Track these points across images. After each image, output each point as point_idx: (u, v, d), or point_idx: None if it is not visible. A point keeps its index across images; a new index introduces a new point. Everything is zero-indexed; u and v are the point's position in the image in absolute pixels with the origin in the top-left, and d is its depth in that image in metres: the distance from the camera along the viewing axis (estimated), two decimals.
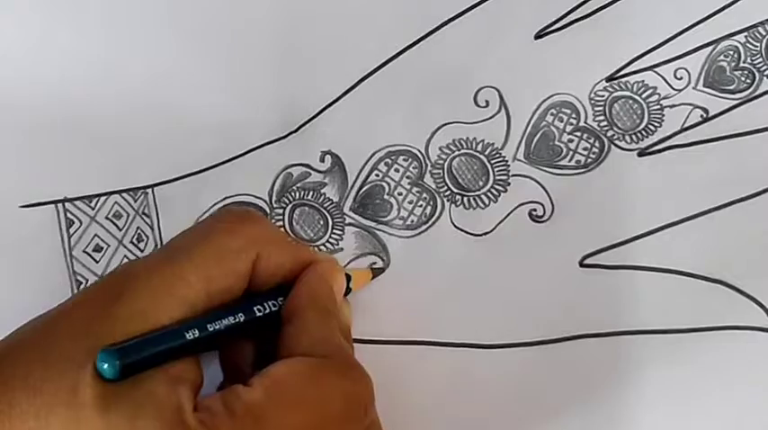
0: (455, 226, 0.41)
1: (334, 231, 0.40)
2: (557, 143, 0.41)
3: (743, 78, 0.42)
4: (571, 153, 0.41)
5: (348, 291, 0.38)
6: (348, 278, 0.38)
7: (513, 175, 0.41)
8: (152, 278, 0.32)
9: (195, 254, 0.33)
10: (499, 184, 0.41)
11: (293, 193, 0.41)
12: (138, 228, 0.41)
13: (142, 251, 0.41)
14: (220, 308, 0.33)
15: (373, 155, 0.41)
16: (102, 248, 0.41)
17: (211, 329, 0.32)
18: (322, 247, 0.40)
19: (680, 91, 0.41)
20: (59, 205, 0.41)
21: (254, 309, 0.34)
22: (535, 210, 0.41)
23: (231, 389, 0.31)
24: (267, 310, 0.34)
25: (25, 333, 0.32)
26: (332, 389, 0.32)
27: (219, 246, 0.34)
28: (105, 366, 0.30)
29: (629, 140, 0.41)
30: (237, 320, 0.33)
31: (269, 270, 0.35)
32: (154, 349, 0.31)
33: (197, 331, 0.32)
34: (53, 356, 0.30)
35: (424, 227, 0.41)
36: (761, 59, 0.42)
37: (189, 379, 0.32)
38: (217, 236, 0.34)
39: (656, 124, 0.41)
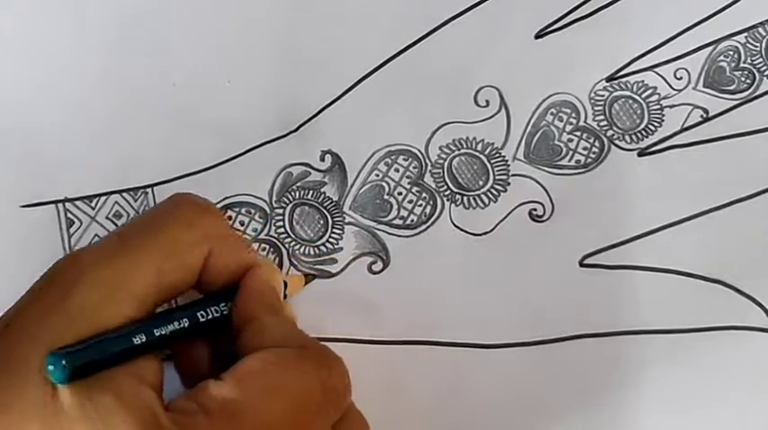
0: (455, 225, 0.41)
1: (334, 230, 0.40)
2: (556, 143, 0.41)
3: (743, 79, 0.42)
4: (571, 152, 0.41)
5: (284, 296, 0.38)
6: (284, 285, 0.37)
7: (513, 175, 0.41)
8: (102, 270, 0.31)
9: (149, 245, 0.32)
10: (499, 184, 0.41)
11: (293, 193, 0.41)
12: None
13: None
14: (166, 309, 0.33)
15: (373, 154, 0.41)
16: None
17: (158, 334, 0.32)
18: (322, 247, 0.40)
19: (680, 91, 0.42)
20: (60, 205, 0.41)
21: (198, 314, 0.34)
22: (535, 209, 0.41)
23: (201, 387, 0.31)
24: (210, 316, 0.34)
25: None
26: (309, 377, 0.31)
27: (175, 239, 0.32)
28: (53, 370, 0.29)
29: (628, 140, 0.41)
30: (182, 326, 0.33)
31: (217, 267, 0.34)
32: (103, 353, 0.30)
33: (144, 336, 0.31)
34: (10, 370, 0.29)
35: (423, 226, 0.41)
36: (761, 60, 0.42)
37: (151, 380, 0.31)
38: (173, 227, 0.33)
39: (655, 124, 0.41)
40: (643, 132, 0.41)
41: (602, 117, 0.41)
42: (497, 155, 0.41)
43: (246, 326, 0.33)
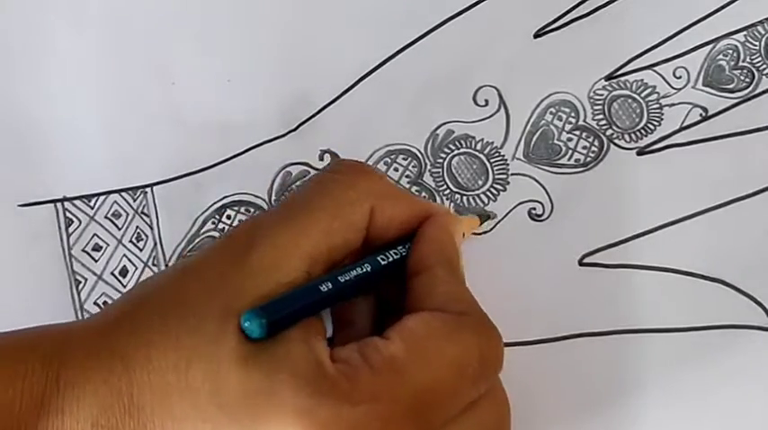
0: None
1: None
2: (556, 142, 0.41)
3: (742, 77, 0.41)
4: (570, 152, 0.41)
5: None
6: None
7: (513, 174, 0.41)
8: (277, 232, 0.32)
9: (314, 207, 0.33)
10: (498, 183, 0.41)
11: None
12: (137, 227, 0.41)
13: (141, 250, 0.41)
14: (342, 262, 0.34)
15: (373, 154, 0.41)
16: (101, 248, 0.41)
17: (343, 281, 0.33)
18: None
19: (679, 90, 0.41)
20: (58, 204, 0.41)
21: (378, 258, 0.34)
22: (534, 208, 0.41)
23: (368, 342, 0.31)
24: (390, 259, 0.35)
25: (155, 287, 0.32)
26: (469, 347, 0.32)
27: (337, 199, 0.34)
28: (249, 326, 0.30)
29: (628, 139, 0.41)
30: (365, 270, 0.34)
31: (383, 223, 0.35)
32: (294, 306, 0.31)
33: (330, 284, 0.32)
34: (189, 311, 0.31)
35: None
36: (760, 58, 0.42)
37: (320, 331, 0.32)
38: (334, 188, 0.34)
39: (655, 123, 0.41)
40: (642, 131, 0.41)
41: (601, 116, 0.41)
42: (497, 154, 0.41)
43: (420, 275, 0.34)
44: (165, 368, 0.30)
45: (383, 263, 0.34)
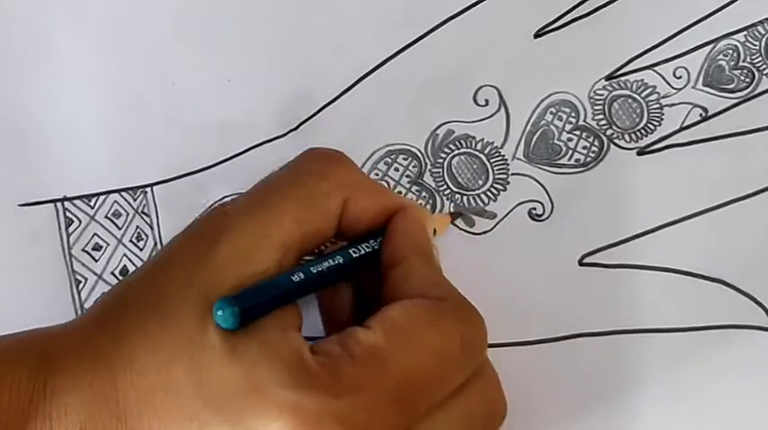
0: (454, 225, 0.41)
1: None
2: (556, 142, 0.41)
3: (742, 77, 0.42)
4: (570, 152, 0.41)
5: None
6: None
7: (513, 174, 0.41)
8: (246, 221, 0.32)
9: (287, 196, 0.33)
10: (499, 183, 0.41)
11: None
12: (137, 227, 0.41)
13: (141, 250, 0.41)
14: (315, 253, 0.34)
15: (373, 153, 0.41)
16: (101, 247, 0.41)
17: (315, 271, 0.33)
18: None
19: (679, 90, 0.41)
20: (58, 204, 0.41)
21: (350, 251, 0.34)
22: (535, 208, 0.41)
23: (348, 332, 0.31)
24: (362, 252, 0.35)
25: (129, 287, 0.32)
26: (450, 331, 0.32)
27: (310, 188, 0.34)
28: (222, 315, 0.30)
29: (628, 139, 0.41)
30: (337, 262, 0.33)
31: (356, 215, 0.35)
32: (267, 295, 0.31)
33: (302, 274, 0.32)
34: (165, 308, 0.31)
35: None
36: (760, 58, 0.42)
37: (296, 324, 0.32)
38: (308, 179, 0.34)
39: (655, 123, 0.41)
40: (642, 131, 0.41)
41: (601, 116, 0.41)
42: (497, 154, 0.41)
43: (396, 266, 0.34)
44: (147, 369, 0.30)
45: (355, 255, 0.34)
